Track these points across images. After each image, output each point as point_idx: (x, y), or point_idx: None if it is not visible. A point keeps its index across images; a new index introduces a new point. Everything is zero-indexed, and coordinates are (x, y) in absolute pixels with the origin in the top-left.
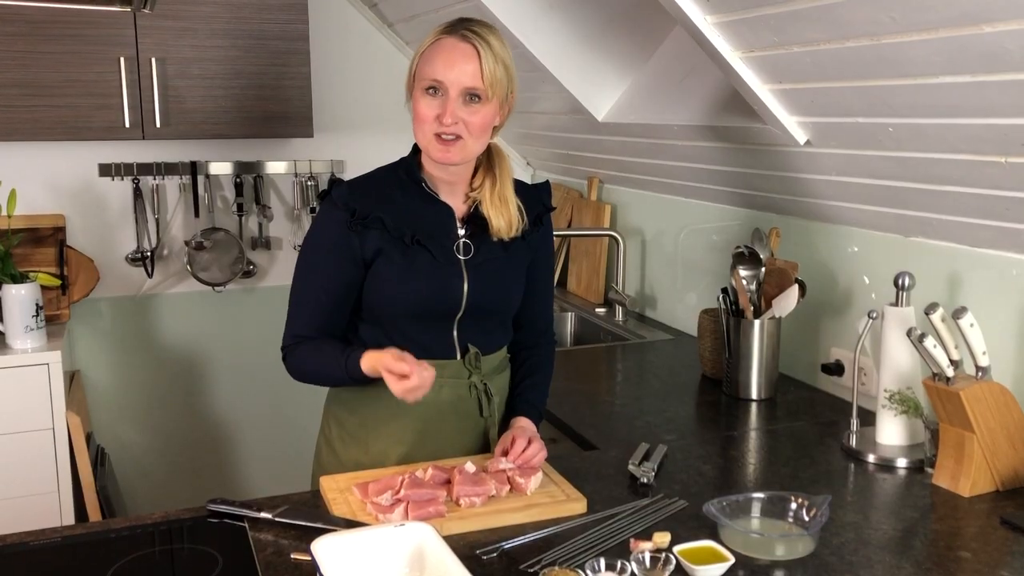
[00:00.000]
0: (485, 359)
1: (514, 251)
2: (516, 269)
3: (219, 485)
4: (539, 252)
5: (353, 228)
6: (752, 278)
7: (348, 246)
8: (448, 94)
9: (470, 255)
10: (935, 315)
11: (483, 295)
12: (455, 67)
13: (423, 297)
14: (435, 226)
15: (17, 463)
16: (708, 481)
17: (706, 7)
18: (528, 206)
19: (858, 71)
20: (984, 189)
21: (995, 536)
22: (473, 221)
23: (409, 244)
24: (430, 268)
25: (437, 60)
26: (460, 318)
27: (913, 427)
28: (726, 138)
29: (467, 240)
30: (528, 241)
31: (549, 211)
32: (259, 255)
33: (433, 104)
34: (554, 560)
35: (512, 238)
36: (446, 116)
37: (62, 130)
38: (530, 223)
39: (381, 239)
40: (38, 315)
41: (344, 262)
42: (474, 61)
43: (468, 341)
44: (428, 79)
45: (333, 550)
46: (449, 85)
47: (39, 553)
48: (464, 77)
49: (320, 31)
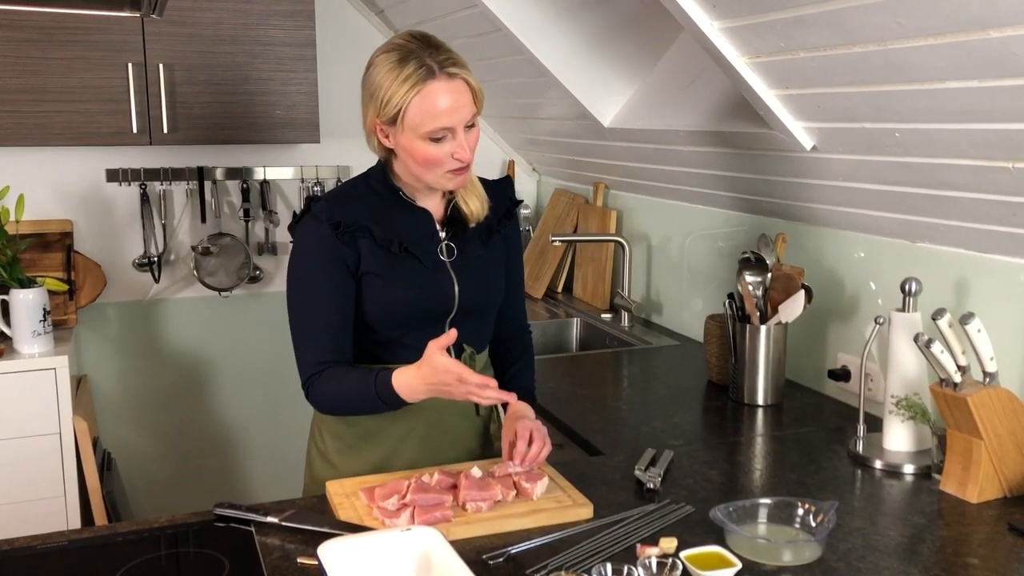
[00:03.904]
0: (478, 358)
1: (492, 247)
2: (497, 265)
3: (225, 490)
4: (511, 246)
5: (341, 239)
6: (758, 284)
7: (342, 259)
8: (456, 133)
9: (454, 256)
10: (942, 321)
11: (473, 294)
12: (459, 111)
13: (415, 304)
14: (417, 232)
15: (24, 467)
16: (715, 487)
17: (712, 13)
18: (496, 201)
19: (865, 76)
20: (991, 195)
21: (1003, 542)
22: (451, 223)
23: (396, 252)
24: (419, 274)
25: (438, 109)
26: (451, 319)
27: (920, 433)
28: (732, 144)
29: (449, 243)
30: (504, 234)
31: (516, 204)
32: (265, 260)
33: (443, 147)
34: (560, 565)
35: (489, 233)
36: (464, 153)
37: (70, 135)
38: (500, 217)
39: (368, 249)
40: (45, 320)
41: (340, 277)
42: (467, 94)
43: (461, 341)
44: (436, 129)
45: (339, 554)
46: (456, 126)
47: (46, 557)
48: (466, 114)
49: (327, 37)
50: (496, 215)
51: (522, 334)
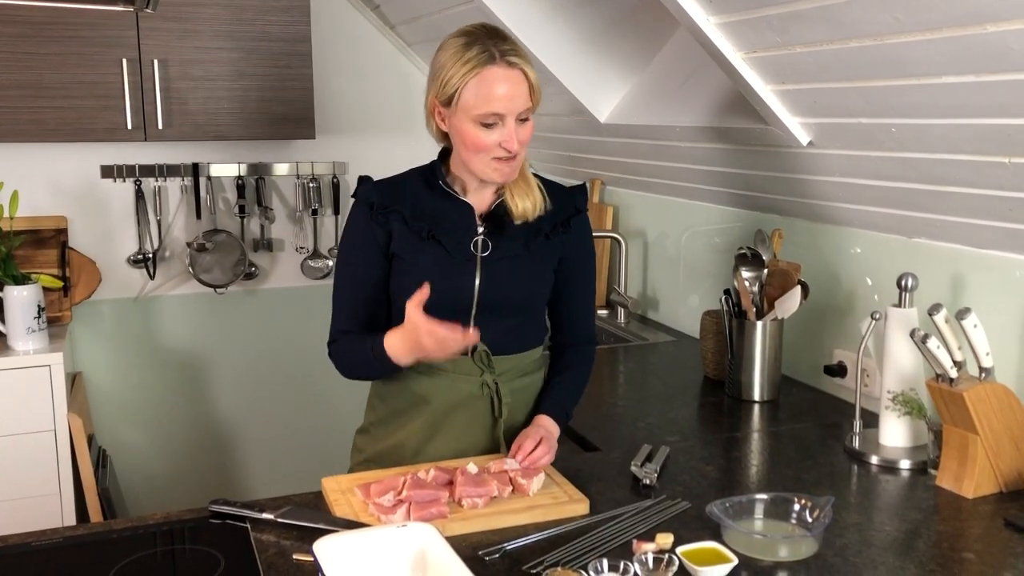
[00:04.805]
0: (503, 359)
1: (536, 250)
2: (538, 267)
3: (221, 486)
4: (571, 252)
5: (374, 220)
6: (755, 279)
7: (373, 238)
8: (506, 122)
9: (487, 252)
10: (938, 316)
11: (496, 292)
12: (514, 100)
13: (434, 291)
14: (454, 223)
15: (19, 464)
16: (711, 482)
17: (708, 8)
18: (559, 207)
19: (861, 71)
20: (988, 190)
21: (999, 537)
22: (492, 219)
23: (424, 239)
24: (443, 263)
25: (493, 95)
26: (476, 315)
27: (916, 428)
28: (728, 139)
29: (486, 238)
30: (553, 241)
31: (580, 213)
32: (261, 257)
33: (492, 134)
34: (557, 561)
35: (537, 236)
36: (511, 143)
37: (64, 132)
38: (558, 224)
39: (400, 232)
40: (40, 316)
41: (372, 255)
42: (524, 85)
43: (485, 339)
44: (487, 113)
45: (335, 551)
46: (508, 115)
47: (41, 554)
48: (520, 104)
49: (322, 33)
50: (553, 220)
51: (583, 344)
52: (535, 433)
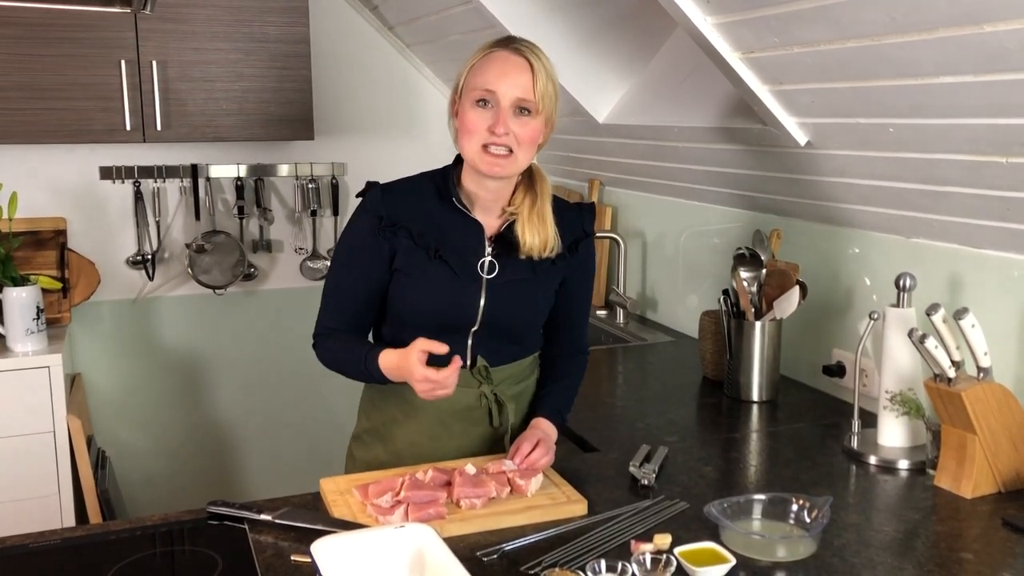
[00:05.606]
0: (499, 370)
1: (542, 273)
2: (541, 290)
3: (219, 487)
4: (575, 273)
5: (381, 232)
6: (753, 280)
7: (376, 248)
8: (500, 105)
9: (494, 274)
10: (936, 316)
11: (499, 313)
12: (508, 78)
13: (437, 311)
14: (462, 242)
15: (18, 466)
16: (709, 483)
17: (706, 8)
18: (566, 228)
19: (858, 72)
20: (985, 190)
21: (997, 537)
22: (501, 240)
23: (431, 257)
24: (448, 283)
25: (490, 71)
26: (475, 331)
27: (915, 428)
28: (727, 140)
29: (493, 259)
30: (559, 265)
31: (587, 237)
32: (260, 258)
33: (484, 115)
34: (555, 562)
35: (542, 259)
36: (498, 127)
37: (63, 133)
38: (565, 248)
39: (406, 248)
40: (39, 318)
41: (370, 264)
42: (527, 73)
43: (482, 352)
44: (479, 90)
45: (333, 552)
46: (501, 96)
47: (39, 555)
48: (517, 89)
49: (321, 34)
50: (562, 244)
51: (575, 355)
52: (533, 436)
